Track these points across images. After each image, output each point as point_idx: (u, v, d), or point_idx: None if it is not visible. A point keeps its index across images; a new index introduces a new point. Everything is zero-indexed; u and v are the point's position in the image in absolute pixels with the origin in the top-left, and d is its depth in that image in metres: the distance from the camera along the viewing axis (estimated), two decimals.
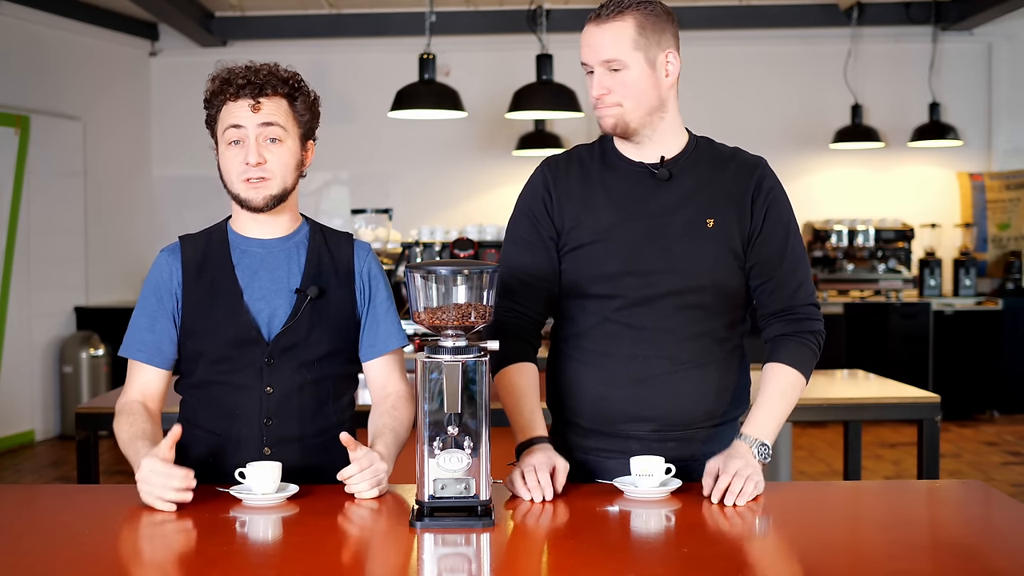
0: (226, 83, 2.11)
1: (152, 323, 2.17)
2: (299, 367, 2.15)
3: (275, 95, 2.12)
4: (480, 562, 1.72)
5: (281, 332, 2.14)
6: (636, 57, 2.07)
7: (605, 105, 2.10)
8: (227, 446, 2.15)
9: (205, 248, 2.20)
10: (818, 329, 2.17)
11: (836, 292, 8.08)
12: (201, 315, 2.16)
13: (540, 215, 2.19)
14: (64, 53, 7.60)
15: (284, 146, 2.13)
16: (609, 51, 2.07)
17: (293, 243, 2.20)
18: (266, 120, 2.10)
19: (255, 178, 2.11)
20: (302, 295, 2.15)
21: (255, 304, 2.15)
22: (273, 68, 2.15)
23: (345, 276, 2.20)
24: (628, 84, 2.08)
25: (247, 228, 2.20)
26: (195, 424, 2.19)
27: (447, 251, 5.38)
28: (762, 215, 2.16)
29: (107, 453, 6.64)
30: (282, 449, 2.13)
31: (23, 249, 7.15)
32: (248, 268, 2.17)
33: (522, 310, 2.20)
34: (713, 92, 8.11)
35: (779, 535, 1.89)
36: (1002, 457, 6.53)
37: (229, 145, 2.12)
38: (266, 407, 2.14)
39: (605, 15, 2.08)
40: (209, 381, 2.17)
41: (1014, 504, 1.99)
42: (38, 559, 1.71)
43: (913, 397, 3.60)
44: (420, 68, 5.57)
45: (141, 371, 2.18)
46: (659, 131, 2.14)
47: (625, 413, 2.14)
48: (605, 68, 2.08)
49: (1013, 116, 8.48)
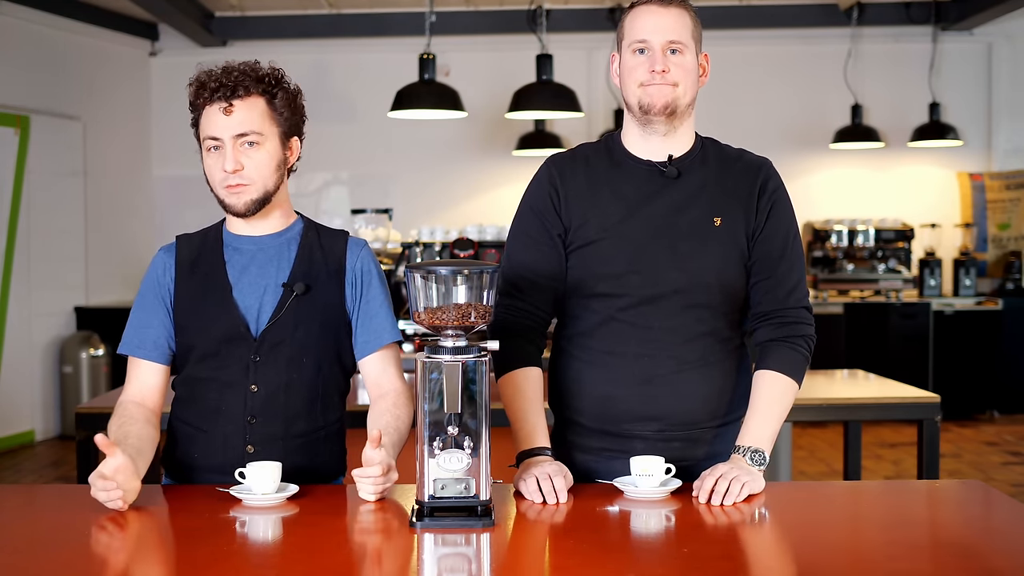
0: (201, 87, 2.11)
1: (149, 319, 2.18)
2: (286, 365, 2.14)
3: (249, 95, 2.10)
4: (480, 562, 1.72)
5: (267, 327, 2.13)
6: (692, 46, 2.13)
7: (665, 82, 2.10)
8: (211, 443, 2.15)
9: (200, 246, 2.21)
10: (808, 333, 2.17)
11: (836, 292, 8.08)
12: (191, 310, 2.16)
13: (547, 211, 2.19)
14: (64, 53, 7.60)
15: (262, 149, 2.11)
16: (676, 32, 2.11)
17: (284, 239, 2.20)
18: (240, 130, 2.08)
19: (233, 185, 2.11)
20: (288, 289, 2.15)
21: (243, 300, 2.15)
22: (249, 67, 2.12)
23: (336, 272, 2.19)
24: (686, 67, 2.12)
25: (239, 227, 2.21)
26: (182, 420, 2.20)
27: (447, 251, 5.38)
28: (765, 214, 2.16)
29: None
30: (265, 448, 2.12)
31: (23, 249, 7.15)
32: (238, 264, 2.18)
33: (529, 309, 2.19)
34: (713, 92, 8.02)
35: (779, 535, 1.89)
36: (1002, 457, 6.53)
37: (209, 151, 2.13)
38: (250, 405, 2.13)
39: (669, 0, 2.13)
40: (196, 377, 2.17)
41: (1014, 504, 1.99)
42: (38, 559, 1.71)
43: (913, 397, 3.60)
44: (420, 68, 5.57)
45: (139, 367, 2.19)
46: (685, 126, 2.17)
47: (630, 413, 2.14)
48: (667, 49, 2.11)
49: (1013, 116, 8.48)
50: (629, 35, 2.14)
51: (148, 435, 2.09)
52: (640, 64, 2.11)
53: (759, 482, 2.02)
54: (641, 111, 2.13)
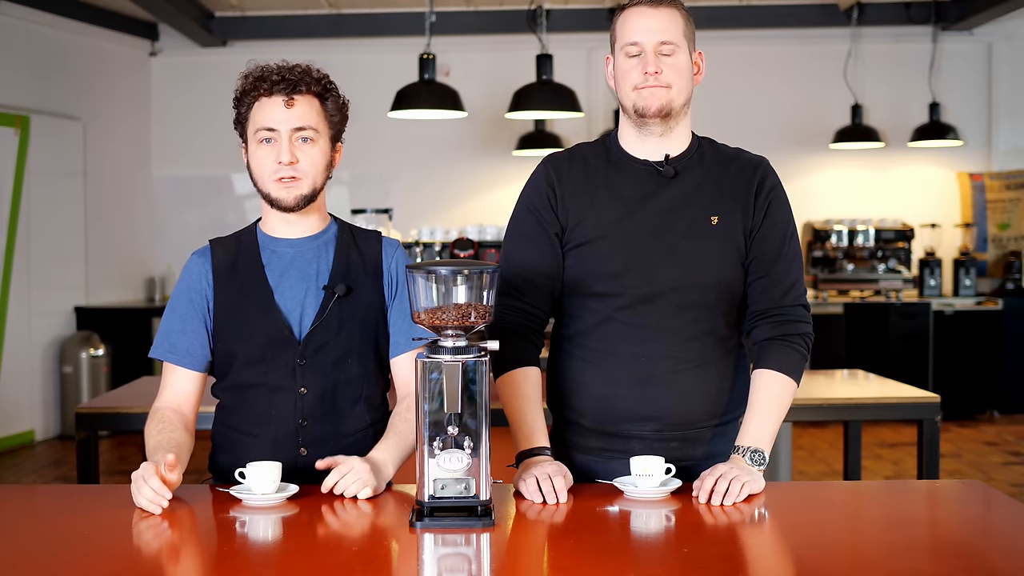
0: (260, 79, 2.12)
1: (184, 326, 2.17)
2: (331, 366, 2.15)
3: (308, 93, 2.13)
4: (480, 562, 1.72)
5: (311, 330, 2.14)
6: (684, 45, 2.13)
7: (658, 84, 2.11)
8: (262, 447, 2.14)
9: (235, 250, 2.20)
10: (806, 331, 2.17)
11: (836, 292, 8.08)
12: (233, 316, 2.16)
13: (544, 210, 2.19)
14: (64, 53, 7.60)
15: (316, 146, 2.14)
16: (667, 32, 2.10)
17: (322, 241, 2.20)
18: (299, 124, 2.11)
19: (287, 177, 2.11)
20: (330, 292, 2.15)
21: (286, 303, 2.15)
22: (307, 67, 2.16)
23: (373, 273, 2.20)
24: (679, 68, 2.12)
25: (277, 228, 2.20)
26: (229, 426, 2.19)
27: (447, 251, 5.38)
28: (763, 213, 2.16)
29: (107, 453, 6.65)
30: (318, 449, 2.13)
31: (23, 249, 7.15)
32: (278, 268, 2.17)
33: (527, 308, 2.19)
34: (713, 92, 8.09)
35: (779, 535, 1.89)
36: (1002, 457, 6.53)
37: (261, 143, 2.12)
38: (300, 408, 2.14)
39: (660, 0, 2.12)
40: (243, 383, 2.16)
41: (1014, 504, 1.99)
42: (38, 559, 1.71)
43: (913, 397, 3.61)
44: (420, 68, 5.57)
45: (174, 374, 2.18)
46: (681, 125, 2.17)
47: (628, 412, 2.14)
48: (659, 50, 2.10)
49: (1013, 116, 8.48)
50: (621, 37, 2.14)
51: (187, 443, 2.11)
52: (633, 67, 2.11)
53: (759, 482, 2.02)
54: (637, 114, 2.13)
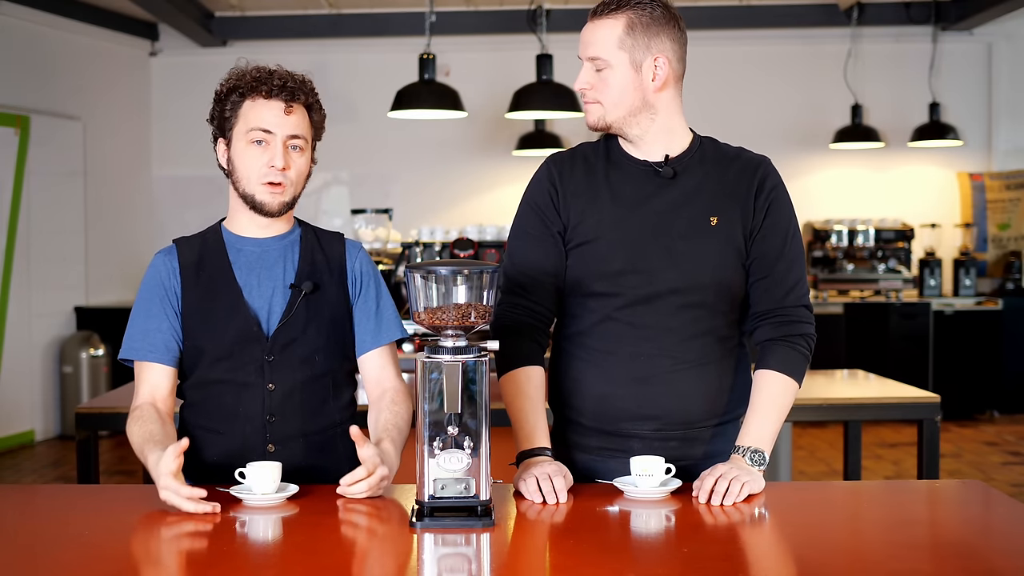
0: (259, 80, 2.12)
1: (157, 323, 2.17)
2: (299, 363, 2.16)
3: (302, 102, 2.15)
4: (480, 562, 1.72)
5: (280, 326, 2.15)
6: (620, 58, 2.08)
7: (586, 100, 2.13)
8: (230, 444, 2.15)
9: (201, 248, 2.21)
10: (808, 332, 2.16)
11: (836, 292, 8.08)
12: (201, 313, 2.16)
13: (547, 209, 2.19)
14: (64, 53, 7.60)
15: (304, 155, 2.18)
16: (593, 49, 2.10)
17: (288, 242, 2.22)
18: (294, 132, 2.13)
19: (276, 183, 2.12)
20: (297, 289, 2.17)
21: (254, 301, 2.17)
22: (303, 77, 2.18)
23: (338, 273, 2.23)
24: (609, 83, 2.09)
25: (245, 228, 2.21)
26: (197, 424, 2.19)
27: (447, 251, 5.38)
28: (763, 212, 2.15)
29: (107, 453, 6.65)
30: (285, 447, 2.14)
31: (23, 249, 7.15)
32: (245, 266, 2.19)
33: (532, 306, 2.19)
34: (713, 92, 8.10)
35: (779, 535, 1.88)
36: (1002, 457, 6.53)
37: (252, 144, 2.13)
38: (268, 404, 2.14)
39: (601, 12, 2.10)
40: (210, 380, 2.17)
41: (1014, 504, 1.99)
42: (38, 559, 1.71)
43: (913, 397, 3.61)
44: (420, 68, 5.57)
45: (149, 371, 2.17)
46: (651, 132, 2.14)
47: (627, 412, 2.14)
48: (591, 65, 2.10)
49: (1013, 116, 8.48)
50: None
51: (172, 434, 2.10)
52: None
53: (759, 482, 2.02)
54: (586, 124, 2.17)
